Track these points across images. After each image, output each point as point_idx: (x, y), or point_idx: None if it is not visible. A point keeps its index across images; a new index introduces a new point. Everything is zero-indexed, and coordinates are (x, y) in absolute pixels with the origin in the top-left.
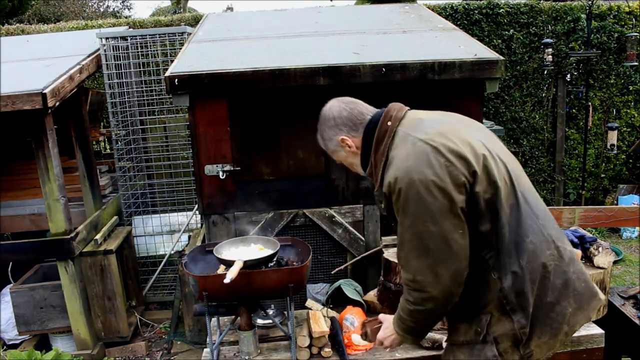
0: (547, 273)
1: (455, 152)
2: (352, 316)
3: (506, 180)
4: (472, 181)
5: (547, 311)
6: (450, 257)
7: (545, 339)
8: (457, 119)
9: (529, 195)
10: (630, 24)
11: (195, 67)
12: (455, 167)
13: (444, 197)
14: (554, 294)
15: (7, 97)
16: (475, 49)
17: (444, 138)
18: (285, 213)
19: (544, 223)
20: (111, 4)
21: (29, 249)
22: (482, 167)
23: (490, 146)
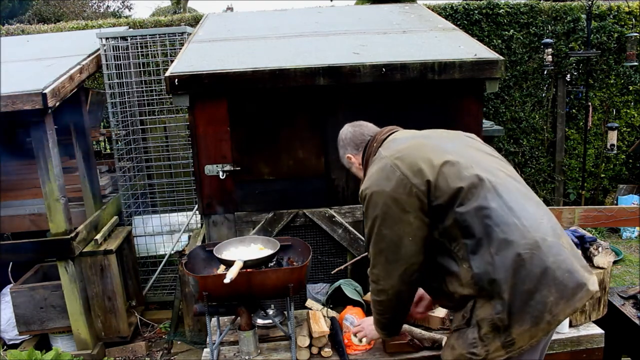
0: (522, 261)
1: (410, 166)
2: (352, 316)
3: (474, 180)
4: (427, 189)
5: (526, 299)
6: (400, 259)
7: (526, 326)
8: (434, 134)
9: (503, 190)
10: (630, 24)
11: (196, 67)
12: (409, 180)
13: (397, 207)
14: (532, 282)
15: (7, 97)
16: (475, 49)
17: (404, 154)
18: (285, 213)
19: (520, 214)
20: (111, 4)
21: (29, 249)
22: (436, 174)
23: (462, 152)
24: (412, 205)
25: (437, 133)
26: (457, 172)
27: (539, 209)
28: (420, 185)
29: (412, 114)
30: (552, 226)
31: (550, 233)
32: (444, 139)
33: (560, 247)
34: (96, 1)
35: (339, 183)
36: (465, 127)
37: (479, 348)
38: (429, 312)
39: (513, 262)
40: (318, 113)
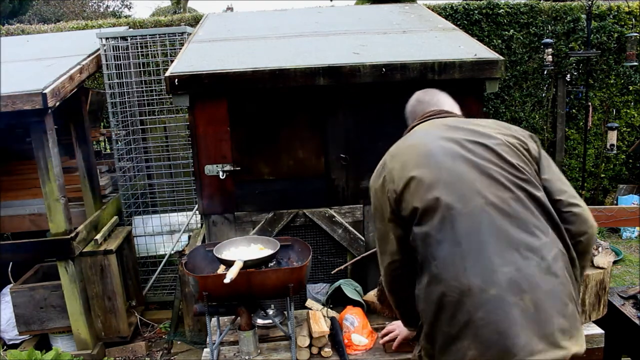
0: (446, 303)
1: (391, 169)
2: (352, 316)
3: (431, 203)
4: (396, 197)
5: (448, 342)
6: (386, 252)
7: None
8: (446, 128)
9: (463, 221)
10: (630, 24)
11: (196, 67)
12: (387, 183)
13: (381, 204)
14: (453, 328)
15: (7, 97)
16: (475, 49)
17: (396, 155)
18: (285, 213)
19: (468, 254)
20: (111, 4)
21: (29, 249)
22: (402, 187)
23: (443, 166)
24: (388, 207)
25: (454, 133)
26: (417, 190)
27: (507, 255)
28: (392, 193)
29: None
30: (517, 280)
31: (504, 286)
32: (448, 146)
33: (506, 304)
34: (96, 1)
35: (339, 183)
36: None
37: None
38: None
39: (438, 299)
40: (318, 113)
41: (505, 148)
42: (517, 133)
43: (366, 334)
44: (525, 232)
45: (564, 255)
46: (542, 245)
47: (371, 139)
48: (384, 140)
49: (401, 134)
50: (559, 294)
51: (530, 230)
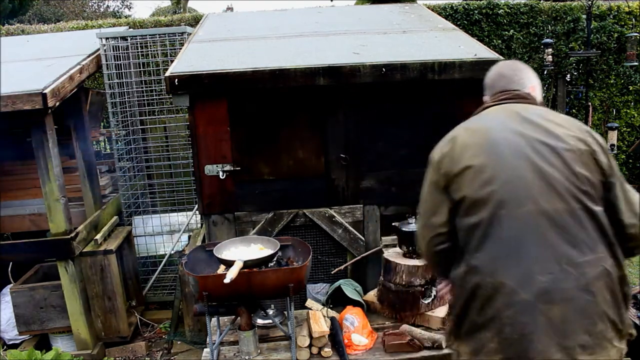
0: (477, 296)
1: (452, 149)
2: (352, 316)
3: (484, 196)
4: (450, 179)
5: (474, 328)
6: (430, 224)
7: (467, 349)
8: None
9: (512, 222)
10: (630, 24)
11: (196, 67)
12: (445, 162)
13: (435, 176)
14: (480, 318)
15: (7, 97)
16: (475, 49)
17: (462, 136)
18: (285, 213)
19: (509, 254)
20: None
21: (29, 249)
22: (458, 172)
23: (505, 162)
24: (442, 183)
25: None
26: (472, 181)
27: (547, 265)
28: (449, 173)
29: (412, 113)
30: (550, 291)
31: (537, 293)
32: (515, 139)
33: (534, 310)
34: (96, 1)
35: (339, 183)
36: None
37: (446, 336)
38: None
39: (472, 289)
40: (318, 113)
41: (573, 155)
42: (589, 139)
43: (366, 334)
44: (571, 246)
45: (609, 275)
46: (586, 262)
47: (371, 139)
48: (384, 140)
49: (401, 134)
50: (590, 312)
51: (577, 245)
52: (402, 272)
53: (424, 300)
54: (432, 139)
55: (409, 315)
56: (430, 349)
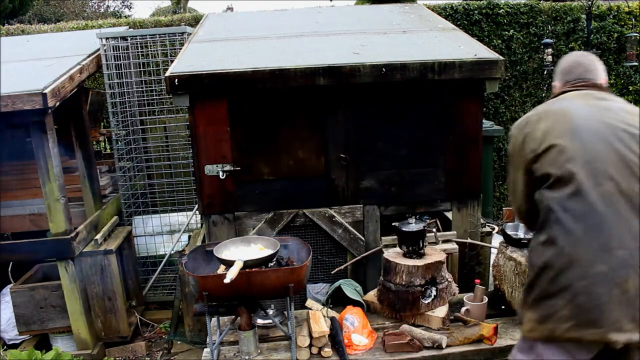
0: (553, 264)
1: (537, 129)
2: (352, 316)
3: (565, 174)
4: (534, 157)
5: (543, 296)
6: (514, 200)
7: (533, 317)
8: (597, 107)
9: (592, 199)
10: (630, 24)
11: (196, 67)
12: (529, 141)
13: (517, 155)
14: (553, 286)
15: (7, 97)
16: (475, 49)
17: (546, 116)
18: (285, 213)
19: (588, 230)
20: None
21: (29, 249)
22: (542, 151)
23: (588, 145)
24: (524, 161)
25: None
26: (556, 159)
27: (625, 241)
28: (531, 152)
29: (412, 113)
30: (627, 265)
31: (614, 266)
32: (595, 124)
33: (610, 282)
34: (96, 1)
35: (339, 183)
36: (465, 127)
37: (518, 312)
38: None
39: (547, 259)
40: (318, 113)
41: None
42: None
43: (366, 334)
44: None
45: None
46: None
47: (371, 139)
48: (384, 140)
49: (401, 134)
50: None
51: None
52: (402, 272)
53: (424, 300)
54: (432, 139)
55: (409, 315)
56: (430, 349)
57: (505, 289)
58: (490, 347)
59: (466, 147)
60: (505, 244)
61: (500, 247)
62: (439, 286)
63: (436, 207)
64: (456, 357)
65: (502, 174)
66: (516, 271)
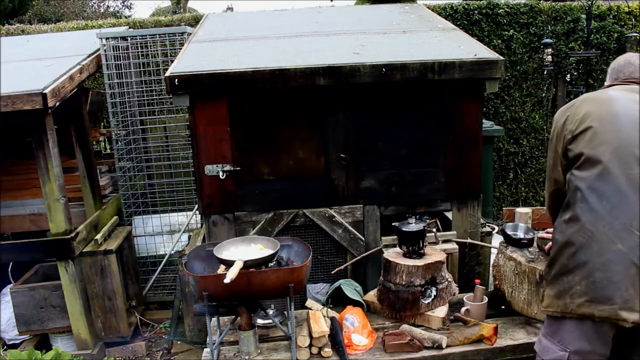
0: (575, 241)
1: (577, 113)
2: (352, 316)
3: (595, 155)
4: (570, 138)
5: (562, 272)
6: (550, 179)
7: (551, 292)
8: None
9: (620, 181)
10: (630, 24)
11: (196, 67)
12: (567, 123)
13: (556, 139)
14: (572, 262)
15: (7, 97)
16: (475, 49)
17: (586, 102)
18: (285, 213)
19: (611, 210)
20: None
21: (29, 249)
22: (578, 132)
23: (623, 130)
24: (561, 143)
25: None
26: (590, 140)
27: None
28: (569, 133)
29: (412, 113)
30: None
31: (633, 246)
32: (633, 112)
33: (627, 261)
34: (96, 1)
35: (339, 183)
36: (465, 127)
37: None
38: None
39: (569, 236)
40: (318, 113)
41: None
42: None
43: (366, 334)
44: None
45: None
46: None
47: (371, 139)
48: (384, 140)
49: (401, 134)
50: None
51: None
52: (402, 272)
53: (424, 300)
54: (432, 139)
55: (409, 315)
56: (430, 349)
57: (505, 289)
58: (490, 347)
59: (466, 147)
60: (505, 244)
61: (500, 247)
62: (439, 286)
63: (436, 207)
64: (456, 357)
65: (502, 174)
66: (516, 271)
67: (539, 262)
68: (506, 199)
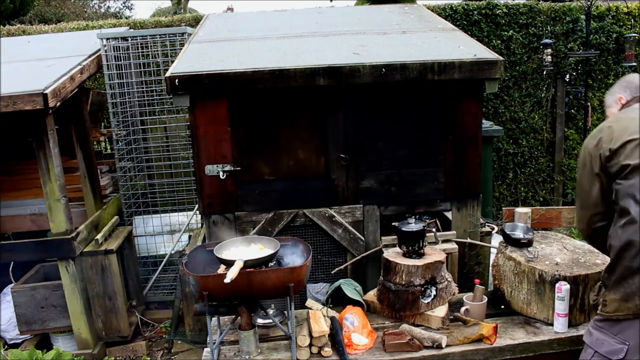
0: (635, 242)
1: (610, 133)
2: (352, 316)
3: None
4: (609, 155)
5: (627, 274)
6: (587, 206)
7: (617, 296)
8: None
9: None
10: (629, 24)
11: (196, 67)
12: (602, 143)
13: (590, 161)
14: (636, 262)
15: (8, 97)
16: (474, 49)
17: (616, 122)
18: (285, 213)
19: None
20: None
21: (30, 248)
22: (619, 147)
23: None
24: (598, 164)
25: None
26: (633, 151)
27: None
28: (606, 150)
29: (412, 114)
30: None
31: None
32: None
33: None
34: (97, 2)
35: (339, 183)
36: (464, 127)
37: (592, 294)
38: None
39: (628, 238)
40: (318, 113)
41: None
42: None
43: (366, 334)
44: None
45: None
46: None
47: (371, 139)
48: (383, 140)
49: (401, 134)
50: None
51: None
52: (402, 271)
53: (424, 300)
54: (432, 139)
55: (409, 315)
56: (430, 349)
57: (504, 289)
58: (489, 347)
59: (466, 147)
60: (505, 243)
61: (500, 247)
62: (438, 286)
63: (436, 207)
64: (456, 357)
65: (501, 174)
66: (516, 271)
67: (539, 261)
68: (505, 199)
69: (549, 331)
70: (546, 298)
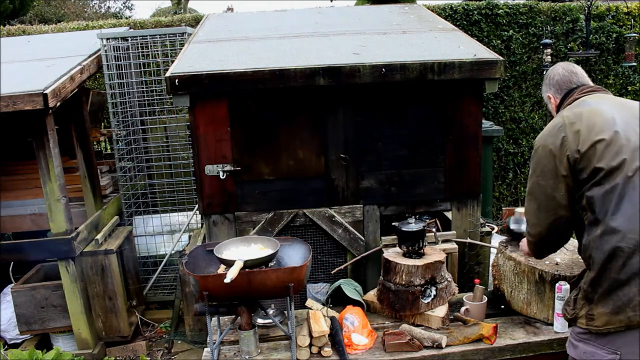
0: (620, 252)
1: (574, 132)
2: (352, 316)
3: (615, 164)
4: (577, 157)
5: (614, 286)
6: (548, 209)
7: (606, 310)
8: (619, 109)
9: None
10: (629, 24)
11: (196, 67)
12: (568, 144)
13: (553, 162)
14: (624, 274)
15: (8, 97)
16: (474, 49)
17: (577, 119)
18: (285, 213)
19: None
20: (112, 4)
21: (30, 248)
22: (587, 148)
23: (629, 135)
24: (564, 166)
25: (626, 108)
26: (604, 153)
27: None
28: (574, 153)
29: (412, 114)
30: None
31: None
32: (623, 116)
33: None
34: (97, 2)
35: (339, 183)
36: (464, 127)
37: (569, 308)
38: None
39: (611, 249)
40: (318, 113)
41: None
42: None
43: (366, 334)
44: None
45: None
46: None
47: (371, 139)
48: (383, 140)
49: (401, 133)
50: None
51: None
52: (402, 271)
53: (424, 299)
54: (432, 138)
55: (409, 315)
56: (430, 349)
57: (504, 289)
58: (489, 347)
59: (466, 147)
60: (505, 243)
61: (500, 247)
62: (438, 286)
63: (436, 207)
64: (456, 357)
65: (501, 174)
66: (516, 271)
67: (538, 261)
68: (505, 199)
69: (549, 331)
70: (546, 298)
